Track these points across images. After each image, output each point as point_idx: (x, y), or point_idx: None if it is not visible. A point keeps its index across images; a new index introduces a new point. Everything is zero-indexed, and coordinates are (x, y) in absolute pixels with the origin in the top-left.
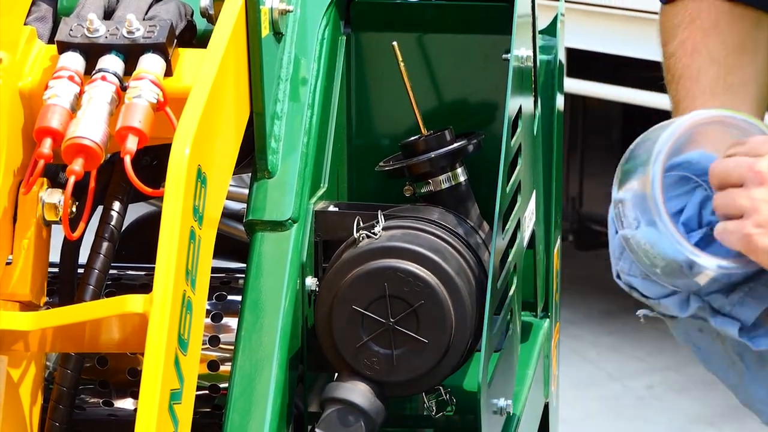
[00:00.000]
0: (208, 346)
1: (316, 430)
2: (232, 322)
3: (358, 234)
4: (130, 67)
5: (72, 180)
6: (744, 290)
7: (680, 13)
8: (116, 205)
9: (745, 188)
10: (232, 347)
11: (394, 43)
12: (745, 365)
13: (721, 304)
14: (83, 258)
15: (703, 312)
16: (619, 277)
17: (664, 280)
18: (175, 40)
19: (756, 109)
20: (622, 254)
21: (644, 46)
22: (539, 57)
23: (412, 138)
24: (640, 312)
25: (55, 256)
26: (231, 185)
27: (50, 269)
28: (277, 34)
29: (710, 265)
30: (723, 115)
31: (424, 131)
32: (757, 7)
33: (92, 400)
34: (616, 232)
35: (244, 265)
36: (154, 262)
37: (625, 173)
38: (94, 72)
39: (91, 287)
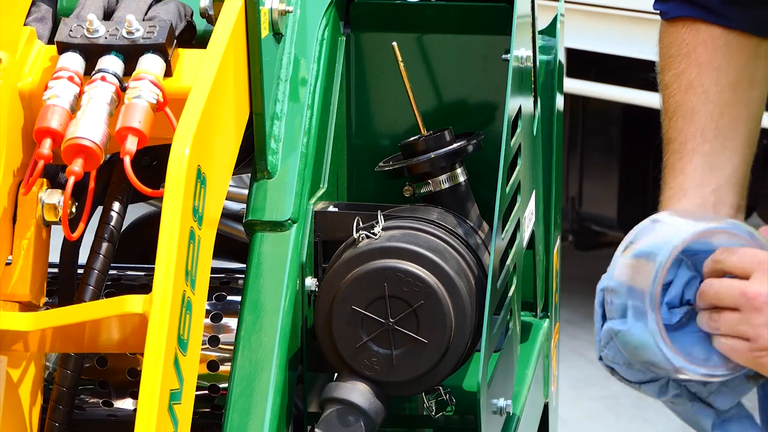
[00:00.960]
0: (207, 346)
1: (316, 430)
2: (231, 322)
3: (357, 234)
4: (129, 68)
5: (71, 180)
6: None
7: (677, 44)
8: (116, 206)
9: (743, 314)
10: (232, 347)
11: (394, 43)
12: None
13: (699, 390)
14: (83, 258)
15: (680, 397)
16: (601, 359)
17: (647, 370)
18: (175, 41)
19: (746, 150)
20: (608, 343)
21: (644, 47)
22: (539, 57)
23: (412, 138)
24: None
25: (54, 256)
26: (231, 185)
27: (50, 270)
28: (277, 35)
29: (698, 372)
30: (721, 228)
31: (423, 131)
32: (757, 34)
33: (92, 401)
34: (603, 318)
35: (244, 265)
36: (153, 263)
37: (620, 264)
38: (93, 72)
39: (91, 288)
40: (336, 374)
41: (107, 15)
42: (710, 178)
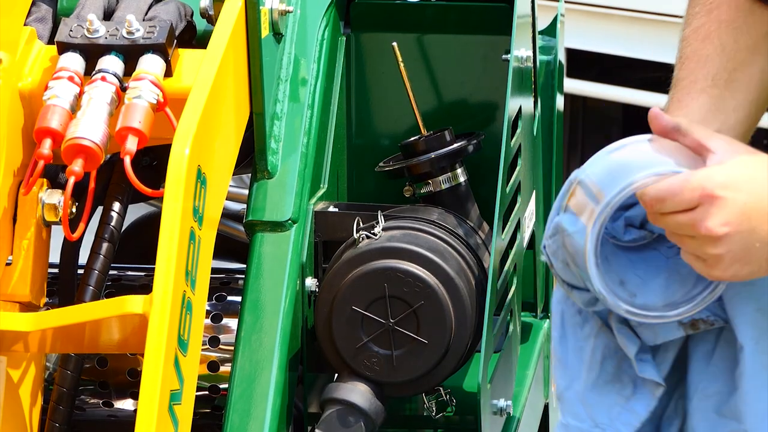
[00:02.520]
0: (208, 346)
1: (316, 430)
2: (231, 322)
3: (357, 234)
4: (130, 68)
5: (72, 180)
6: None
7: (701, 2)
8: (116, 206)
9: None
10: (232, 348)
11: (394, 43)
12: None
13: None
14: (83, 259)
15: (607, 316)
16: (544, 247)
17: (580, 277)
18: (175, 41)
19: (751, 110)
20: (553, 236)
21: (644, 47)
22: (539, 57)
23: (412, 138)
24: None
25: (55, 256)
26: (231, 186)
27: (50, 270)
28: (277, 35)
29: (618, 306)
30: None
31: (423, 132)
32: None
33: (92, 401)
34: (557, 213)
35: (244, 265)
36: (153, 263)
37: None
38: (93, 72)
39: (91, 288)
40: (336, 375)
41: (107, 15)
42: (713, 120)
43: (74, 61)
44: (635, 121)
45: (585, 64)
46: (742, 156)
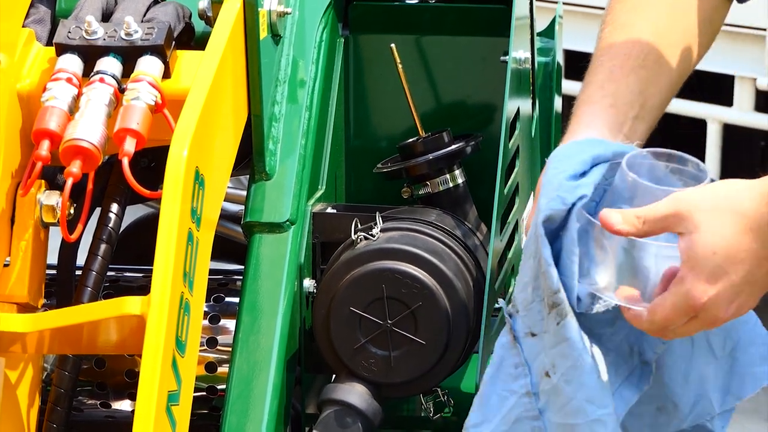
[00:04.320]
0: (205, 347)
1: (314, 431)
2: (229, 323)
3: (355, 236)
4: (128, 69)
5: (70, 182)
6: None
7: None
8: (114, 207)
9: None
10: (230, 349)
11: (392, 45)
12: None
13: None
14: (81, 260)
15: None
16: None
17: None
18: (173, 42)
19: (669, 95)
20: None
21: None
22: (537, 59)
23: (410, 140)
24: None
25: (53, 257)
26: (229, 187)
27: (48, 271)
28: (276, 36)
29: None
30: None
31: (422, 133)
32: None
33: (90, 402)
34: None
35: (242, 266)
36: (151, 264)
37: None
38: (92, 74)
39: (89, 289)
40: (334, 375)
41: (106, 16)
42: (636, 102)
43: (72, 63)
44: None
45: (583, 65)
46: (713, 229)
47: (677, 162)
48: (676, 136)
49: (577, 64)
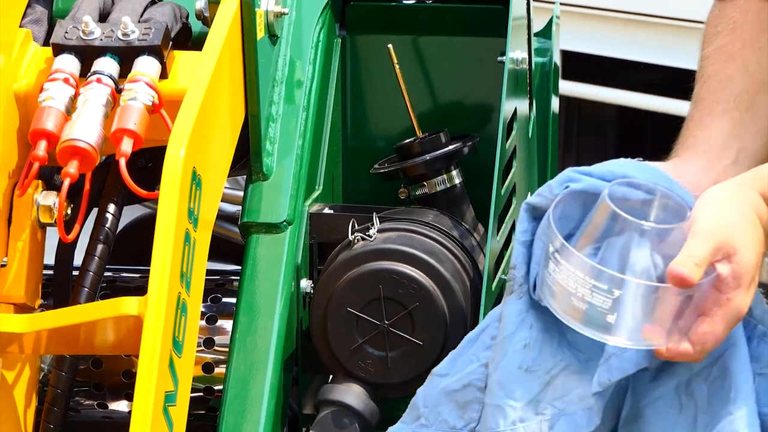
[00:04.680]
0: (202, 348)
1: None
2: (226, 324)
3: (352, 236)
4: (125, 70)
5: (67, 182)
6: None
7: (724, 21)
8: (111, 208)
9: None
10: (227, 349)
11: (389, 45)
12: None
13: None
14: (78, 260)
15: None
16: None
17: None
18: (171, 43)
19: None
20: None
21: (639, 49)
22: (534, 59)
23: (407, 140)
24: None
25: (50, 258)
26: (226, 187)
27: (45, 271)
28: (273, 37)
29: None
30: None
31: (419, 133)
32: None
33: (87, 403)
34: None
35: (239, 267)
36: (148, 265)
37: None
38: (89, 74)
39: (86, 289)
40: (331, 376)
41: (103, 17)
42: (732, 144)
43: (69, 63)
44: (630, 123)
45: (580, 66)
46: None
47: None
48: (673, 136)
49: (574, 64)
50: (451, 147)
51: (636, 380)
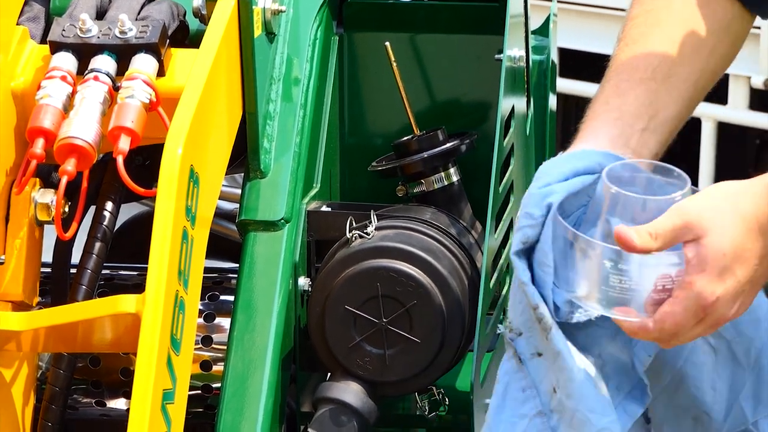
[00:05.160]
0: (200, 345)
1: (309, 429)
2: (224, 322)
3: (350, 234)
4: (122, 67)
5: (64, 180)
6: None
7: None
8: (109, 205)
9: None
10: (225, 347)
11: (387, 43)
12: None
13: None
14: (76, 258)
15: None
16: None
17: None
18: (168, 41)
19: (681, 109)
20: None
21: None
22: (532, 57)
23: (405, 138)
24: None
25: (47, 256)
26: (224, 185)
27: (43, 269)
28: (270, 34)
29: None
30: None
31: (416, 131)
32: (745, 4)
33: (85, 400)
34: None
35: (237, 265)
36: (146, 262)
37: None
38: (86, 72)
39: (84, 287)
40: (329, 374)
41: (100, 14)
42: (644, 114)
43: (67, 61)
44: None
45: (578, 63)
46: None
47: (659, 172)
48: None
49: (572, 62)
50: (448, 145)
51: (664, 351)
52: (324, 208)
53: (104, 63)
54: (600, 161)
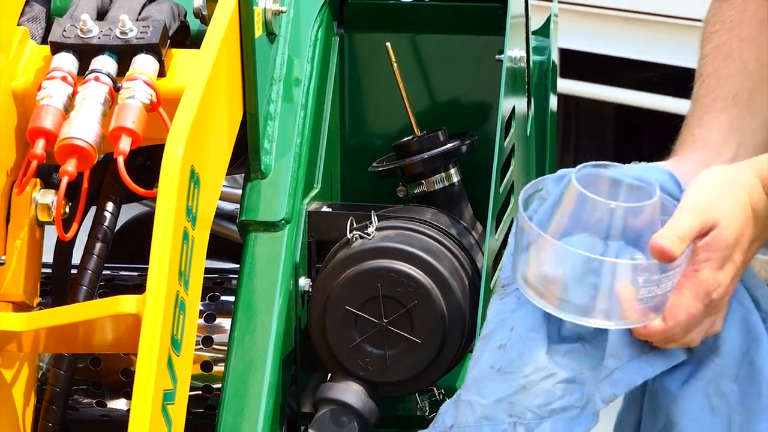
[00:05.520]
0: (201, 346)
1: (309, 430)
2: (225, 322)
3: (351, 234)
4: (123, 68)
5: (65, 180)
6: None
7: (721, 19)
8: (109, 206)
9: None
10: (226, 348)
11: (387, 43)
12: None
13: None
14: (76, 258)
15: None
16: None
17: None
18: (169, 41)
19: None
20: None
21: (637, 47)
22: (532, 58)
23: (406, 138)
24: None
25: (48, 256)
26: (224, 186)
27: (43, 270)
28: (271, 35)
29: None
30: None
31: (417, 132)
32: None
33: (85, 401)
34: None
35: (237, 265)
36: (147, 263)
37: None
38: (87, 73)
39: (85, 288)
40: (329, 374)
41: (101, 15)
42: (731, 140)
43: (67, 61)
44: (628, 121)
45: (578, 64)
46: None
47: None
48: (671, 134)
49: (573, 62)
50: (449, 145)
51: (663, 391)
52: (324, 209)
53: (105, 63)
54: (660, 179)
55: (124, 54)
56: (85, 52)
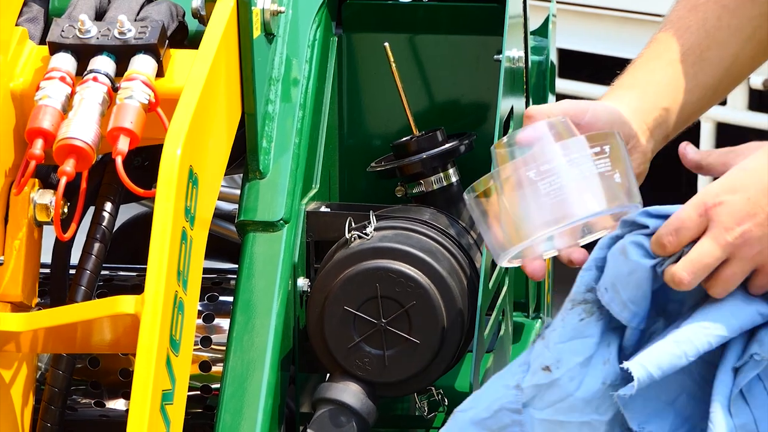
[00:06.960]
0: (199, 346)
1: (308, 430)
2: (223, 322)
3: (349, 234)
4: (121, 68)
5: (63, 181)
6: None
7: None
8: (108, 206)
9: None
10: (224, 348)
11: (386, 43)
12: None
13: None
14: (75, 259)
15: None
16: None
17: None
18: (167, 41)
19: (706, 94)
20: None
21: (636, 47)
22: (531, 58)
23: (404, 138)
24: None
25: (46, 257)
26: (223, 186)
27: (42, 270)
28: (269, 35)
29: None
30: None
31: (415, 132)
32: None
33: (84, 401)
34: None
35: (236, 265)
36: (145, 263)
37: None
38: (85, 73)
39: (83, 288)
40: (328, 374)
41: (99, 15)
42: (666, 96)
43: (66, 62)
44: None
45: (577, 64)
46: (744, 161)
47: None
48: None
49: (571, 62)
50: (447, 145)
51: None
52: (323, 209)
53: (103, 64)
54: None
55: (123, 54)
56: (83, 53)
